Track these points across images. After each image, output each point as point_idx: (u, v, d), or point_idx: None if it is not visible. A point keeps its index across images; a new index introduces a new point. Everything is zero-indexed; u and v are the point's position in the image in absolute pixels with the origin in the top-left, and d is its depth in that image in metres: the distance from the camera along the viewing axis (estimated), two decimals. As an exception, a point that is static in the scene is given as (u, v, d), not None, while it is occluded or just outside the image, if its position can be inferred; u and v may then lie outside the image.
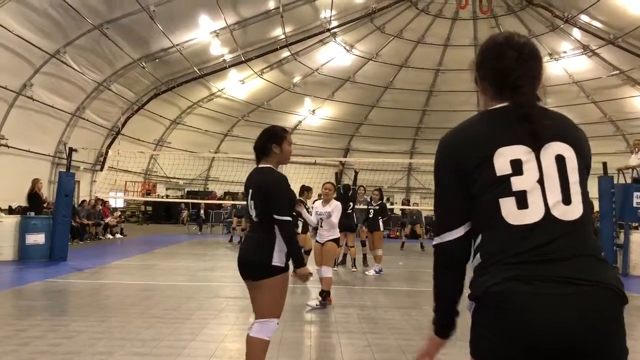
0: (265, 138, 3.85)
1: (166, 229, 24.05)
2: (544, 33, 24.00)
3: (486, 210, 1.64)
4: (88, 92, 21.03)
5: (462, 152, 1.73)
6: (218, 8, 18.84)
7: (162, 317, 6.54)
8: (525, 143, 1.64)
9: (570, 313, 1.48)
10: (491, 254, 1.61)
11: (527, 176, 1.61)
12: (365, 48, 26.11)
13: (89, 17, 17.10)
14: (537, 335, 1.48)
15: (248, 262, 3.68)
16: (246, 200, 3.84)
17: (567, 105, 27.52)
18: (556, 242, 1.55)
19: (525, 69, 1.77)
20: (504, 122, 1.71)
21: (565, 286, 1.50)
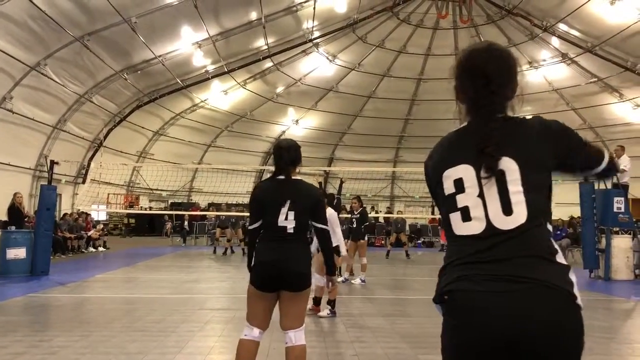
0: (297, 152, 3.94)
1: (150, 242, 23.83)
2: (524, 42, 24.34)
3: (446, 223, 1.88)
4: (69, 105, 20.84)
5: (428, 174, 2.01)
6: (200, 19, 18.82)
7: (146, 330, 6.47)
8: (469, 162, 1.83)
9: (503, 310, 1.64)
10: (447, 259, 1.85)
11: (468, 193, 1.80)
12: (347, 58, 26.24)
13: (70, 29, 16.98)
14: (477, 332, 1.68)
15: (295, 274, 3.70)
16: (266, 209, 3.79)
17: (547, 112, 27.92)
18: (496, 247, 1.72)
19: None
20: (457, 143, 1.94)
21: (500, 283, 1.66)
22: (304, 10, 21.07)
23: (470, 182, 1.81)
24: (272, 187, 3.89)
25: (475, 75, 1.98)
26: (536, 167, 1.83)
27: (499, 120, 1.92)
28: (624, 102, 24.71)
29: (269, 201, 3.79)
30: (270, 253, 3.75)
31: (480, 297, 1.67)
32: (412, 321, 7.47)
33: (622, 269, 12.24)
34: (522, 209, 1.75)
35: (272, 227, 3.76)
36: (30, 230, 12.55)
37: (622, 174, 12.71)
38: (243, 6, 19.85)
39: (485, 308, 1.66)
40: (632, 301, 9.68)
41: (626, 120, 25.66)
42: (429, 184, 2.01)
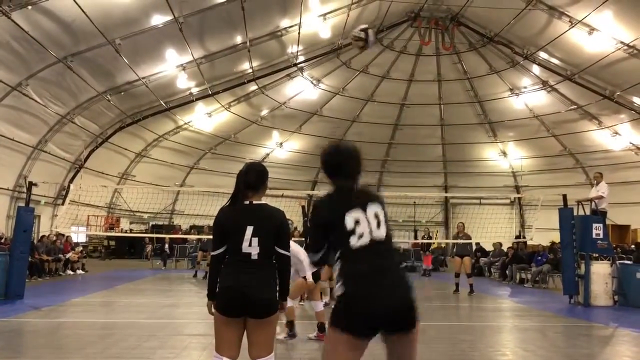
0: (263, 175, 3.85)
1: (130, 264, 23.50)
2: (505, 69, 24.78)
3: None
4: (51, 125, 20.65)
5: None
6: (185, 42, 18.88)
7: (121, 356, 6.33)
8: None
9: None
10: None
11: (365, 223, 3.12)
12: (332, 82, 26.46)
13: (53, 49, 16.91)
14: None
15: (260, 301, 3.61)
16: (229, 234, 3.70)
17: (528, 138, 28.39)
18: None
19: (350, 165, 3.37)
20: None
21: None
22: (289, 35, 21.25)
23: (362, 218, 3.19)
24: (234, 212, 3.78)
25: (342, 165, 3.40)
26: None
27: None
28: (603, 129, 25.12)
29: (232, 227, 3.70)
30: (233, 278, 3.65)
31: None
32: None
33: (601, 295, 12.30)
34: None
35: (236, 253, 3.67)
36: (6, 252, 12.29)
37: (600, 201, 12.86)
38: (228, 30, 19.97)
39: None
40: (611, 327, 9.71)
41: (605, 147, 26.07)
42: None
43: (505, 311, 11.78)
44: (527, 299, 13.69)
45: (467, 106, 27.92)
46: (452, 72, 26.33)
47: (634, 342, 8.34)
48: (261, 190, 3.81)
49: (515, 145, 29.61)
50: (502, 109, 27.25)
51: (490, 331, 9.50)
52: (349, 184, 3.32)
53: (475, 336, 8.64)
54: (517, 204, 30.55)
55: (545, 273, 16.93)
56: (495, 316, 11.28)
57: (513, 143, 29.50)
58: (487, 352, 7.31)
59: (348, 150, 3.46)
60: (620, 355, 7.57)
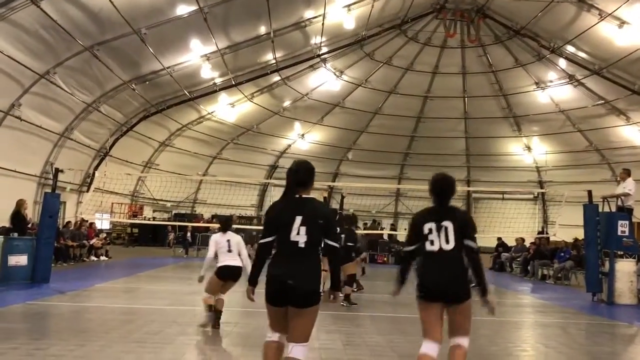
0: (311, 172, 4.20)
1: (152, 252, 23.81)
2: (531, 62, 24.40)
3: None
4: (77, 113, 20.96)
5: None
6: (209, 32, 18.97)
7: (143, 341, 6.43)
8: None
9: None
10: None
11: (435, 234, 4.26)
12: (354, 74, 26.35)
13: (80, 38, 17.13)
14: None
15: (302, 291, 3.88)
16: (279, 225, 4.02)
17: (553, 133, 27.98)
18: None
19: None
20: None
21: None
22: (313, 25, 21.21)
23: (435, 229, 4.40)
24: (284, 205, 4.12)
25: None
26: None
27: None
28: (631, 125, 24.62)
29: (282, 218, 4.02)
30: (279, 267, 3.94)
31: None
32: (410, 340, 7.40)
33: (625, 293, 12.10)
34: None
35: (285, 241, 3.97)
36: (33, 237, 12.55)
37: (627, 198, 12.63)
38: (252, 20, 20.00)
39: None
40: (636, 326, 9.56)
41: (632, 144, 25.55)
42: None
43: (526, 307, 11.67)
44: (549, 296, 13.55)
45: (491, 99, 27.59)
46: (477, 65, 26.01)
47: (658, 342, 8.21)
48: (309, 186, 4.14)
49: (539, 140, 29.19)
50: (527, 103, 26.86)
51: (510, 326, 9.42)
52: (438, 204, 4.58)
53: (494, 331, 8.57)
54: (541, 200, 30.17)
55: (568, 270, 16.74)
56: (515, 312, 11.17)
57: (537, 138, 29.08)
58: (506, 347, 7.26)
59: (447, 181, 4.69)
60: (644, 354, 7.46)
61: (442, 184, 4.61)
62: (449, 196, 4.58)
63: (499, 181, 30.18)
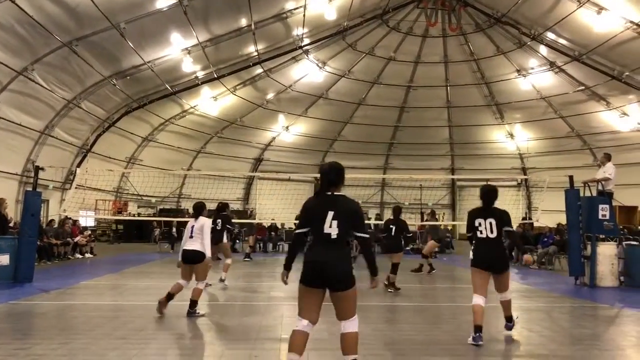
0: (341, 173, 4.71)
1: (138, 248, 23.66)
2: (512, 50, 24.56)
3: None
4: (57, 110, 20.71)
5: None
6: (189, 25, 18.82)
7: (128, 338, 6.41)
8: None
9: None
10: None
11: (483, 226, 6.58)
12: (337, 65, 26.33)
13: (58, 34, 16.92)
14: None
15: (335, 275, 4.46)
16: (313, 219, 4.57)
17: (535, 120, 28.21)
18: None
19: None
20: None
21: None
22: (294, 17, 21.14)
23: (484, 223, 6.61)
24: (318, 201, 4.65)
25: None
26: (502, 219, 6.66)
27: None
28: (611, 110, 24.93)
29: (316, 212, 4.57)
30: (317, 255, 4.51)
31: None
32: (396, 328, 7.46)
33: (607, 276, 12.28)
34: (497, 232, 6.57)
35: (319, 233, 4.52)
36: (14, 236, 12.40)
37: (607, 182, 12.78)
38: (232, 13, 19.87)
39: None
40: (617, 308, 9.70)
41: (613, 128, 25.88)
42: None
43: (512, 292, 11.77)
44: (533, 280, 13.69)
45: (473, 88, 27.75)
46: (458, 54, 26.12)
47: (639, 322, 8.35)
48: (340, 185, 4.68)
49: (522, 127, 29.44)
50: (509, 91, 27.05)
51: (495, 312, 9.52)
52: (485, 206, 6.73)
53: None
54: (524, 186, 30.46)
55: (552, 254, 16.91)
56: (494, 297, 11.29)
57: (520, 125, 29.33)
58: (491, 332, 7.33)
59: (492, 192, 6.82)
60: (626, 335, 7.57)
61: (488, 194, 6.73)
62: (493, 201, 6.69)
63: (482, 169, 30.45)
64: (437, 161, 31.74)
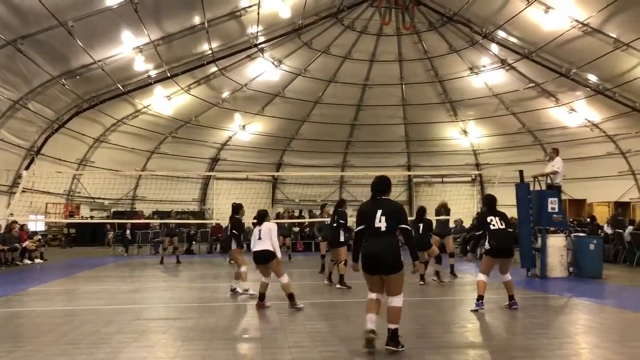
0: (389, 184, 6.18)
1: (91, 252, 23.09)
2: (464, 48, 24.97)
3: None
4: (2, 111, 19.94)
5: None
6: (141, 23, 18.43)
7: (77, 343, 6.22)
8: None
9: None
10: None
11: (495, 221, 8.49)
12: (293, 63, 26.24)
13: (1, 32, 16.29)
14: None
15: (391, 262, 5.75)
16: (367, 218, 5.89)
17: (488, 117, 28.82)
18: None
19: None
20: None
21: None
22: (248, 15, 20.95)
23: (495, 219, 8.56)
24: (370, 204, 6.03)
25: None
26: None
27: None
28: (560, 106, 25.65)
29: (369, 212, 5.91)
30: (371, 247, 5.85)
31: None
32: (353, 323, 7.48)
33: (556, 266, 12.68)
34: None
35: (371, 228, 5.84)
36: (-42, 242, 11.90)
37: (555, 175, 13.17)
38: (185, 10, 19.56)
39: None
40: (565, 298, 10.01)
41: (562, 124, 26.67)
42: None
43: (466, 285, 11.98)
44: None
45: (428, 86, 28.12)
46: (413, 52, 26.40)
47: (586, 310, 8.63)
48: (387, 192, 6.10)
49: (475, 124, 30.01)
50: (462, 88, 27.52)
51: (450, 305, 9.70)
52: (491, 208, 8.68)
53: (435, 311, 8.81)
54: (478, 182, 31.09)
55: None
56: (455, 290, 11.50)
57: (473, 122, 29.87)
58: (447, 326, 7.45)
59: (494, 198, 8.88)
60: (573, 323, 7.82)
61: (492, 199, 8.82)
62: (495, 204, 8.74)
63: (438, 165, 30.93)
64: (393, 158, 32.03)
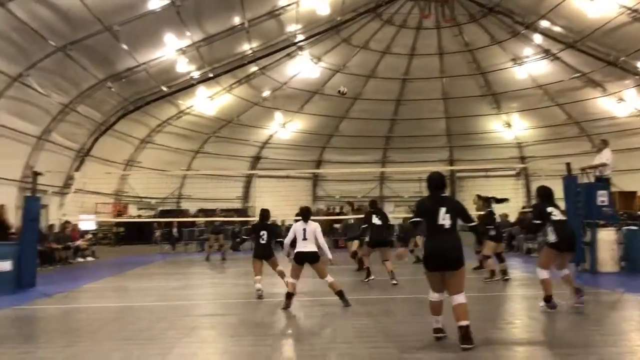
0: (445, 181, 6.26)
1: (139, 250, 23.72)
2: (506, 39, 24.53)
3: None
4: (54, 115, 20.69)
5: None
6: (183, 25, 18.82)
7: (131, 338, 6.44)
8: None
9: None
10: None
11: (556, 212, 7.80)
12: (332, 60, 26.29)
13: (52, 38, 16.90)
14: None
15: (456, 257, 5.80)
16: (429, 214, 5.95)
17: (532, 108, 28.21)
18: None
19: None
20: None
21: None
22: (287, 13, 21.12)
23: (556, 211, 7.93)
24: (431, 200, 6.09)
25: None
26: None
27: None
28: (607, 96, 24.90)
29: (431, 209, 5.95)
30: (436, 244, 5.88)
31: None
32: (397, 320, 7.49)
33: (607, 261, 12.33)
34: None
35: (435, 225, 5.87)
36: (15, 242, 12.42)
37: (604, 168, 12.81)
38: (225, 11, 19.86)
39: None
40: (617, 293, 9.74)
41: (610, 114, 25.86)
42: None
43: (513, 281, 11.81)
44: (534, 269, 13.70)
45: (469, 78, 27.73)
46: (453, 45, 26.09)
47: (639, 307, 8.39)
48: (445, 188, 6.21)
49: (519, 116, 29.42)
50: (505, 80, 27.03)
51: (499, 301, 9.58)
52: (549, 200, 8.04)
53: (484, 306, 8.71)
54: (523, 175, 30.46)
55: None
56: (502, 286, 11.33)
57: (517, 114, 29.30)
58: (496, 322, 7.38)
59: (551, 190, 8.18)
60: (627, 319, 7.61)
61: (549, 190, 8.09)
62: (552, 196, 8.08)
63: (481, 159, 30.44)
64: (435, 153, 31.71)
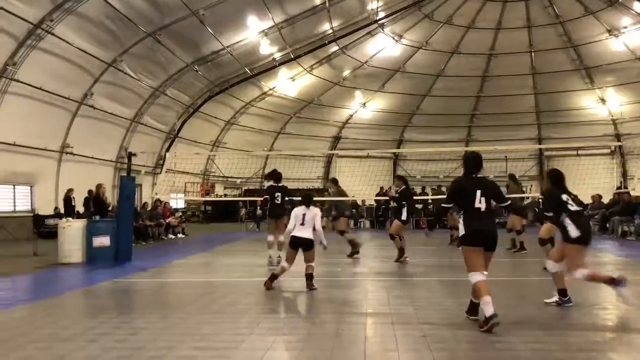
0: (481, 161, 6.07)
1: (225, 227, 24.54)
2: (602, 9, 22.99)
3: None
4: (145, 98, 21.77)
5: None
6: (265, 8, 19.08)
7: (221, 312, 6.72)
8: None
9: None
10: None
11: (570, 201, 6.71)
12: (414, 37, 25.76)
13: (142, 25, 17.69)
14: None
15: (493, 238, 5.86)
16: (466, 197, 5.86)
17: (630, 82, 26.38)
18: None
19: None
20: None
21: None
22: (368, -9, 20.88)
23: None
24: (467, 181, 6.00)
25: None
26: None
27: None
28: None
29: (467, 191, 5.87)
30: (479, 224, 5.82)
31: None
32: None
33: None
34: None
35: (471, 207, 5.82)
36: (114, 219, 13.22)
37: None
38: (307, -9, 19.93)
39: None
40: None
41: None
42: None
43: (607, 265, 11.22)
44: (631, 252, 12.98)
45: (560, 52, 26.31)
46: (543, 17, 24.78)
47: None
48: (480, 169, 6.04)
49: (615, 91, 27.63)
50: (599, 53, 25.41)
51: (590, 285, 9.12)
52: (564, 188, 6.99)
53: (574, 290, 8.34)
54: (618, 154, 28.69)
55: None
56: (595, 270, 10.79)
57: (612, 88, 27.53)
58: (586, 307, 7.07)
59: (563, 175, 7.08)
60: None
61: (560, 174, 7.05)
62: (564, 181, 6.98)
63: (572, 137, 28.94)
64: (522, 131, 30.48)
